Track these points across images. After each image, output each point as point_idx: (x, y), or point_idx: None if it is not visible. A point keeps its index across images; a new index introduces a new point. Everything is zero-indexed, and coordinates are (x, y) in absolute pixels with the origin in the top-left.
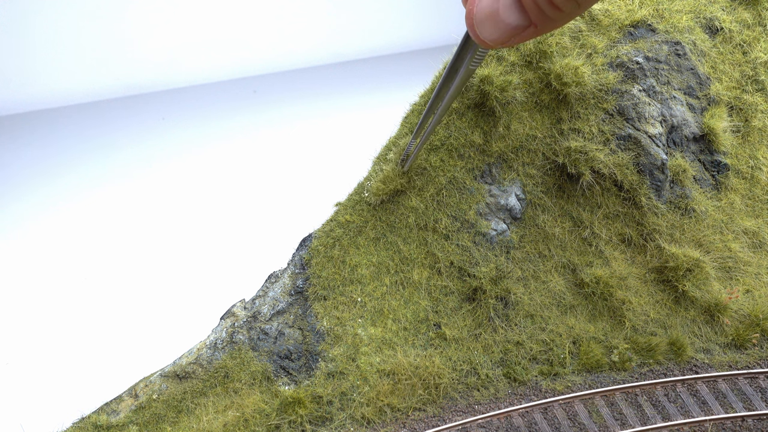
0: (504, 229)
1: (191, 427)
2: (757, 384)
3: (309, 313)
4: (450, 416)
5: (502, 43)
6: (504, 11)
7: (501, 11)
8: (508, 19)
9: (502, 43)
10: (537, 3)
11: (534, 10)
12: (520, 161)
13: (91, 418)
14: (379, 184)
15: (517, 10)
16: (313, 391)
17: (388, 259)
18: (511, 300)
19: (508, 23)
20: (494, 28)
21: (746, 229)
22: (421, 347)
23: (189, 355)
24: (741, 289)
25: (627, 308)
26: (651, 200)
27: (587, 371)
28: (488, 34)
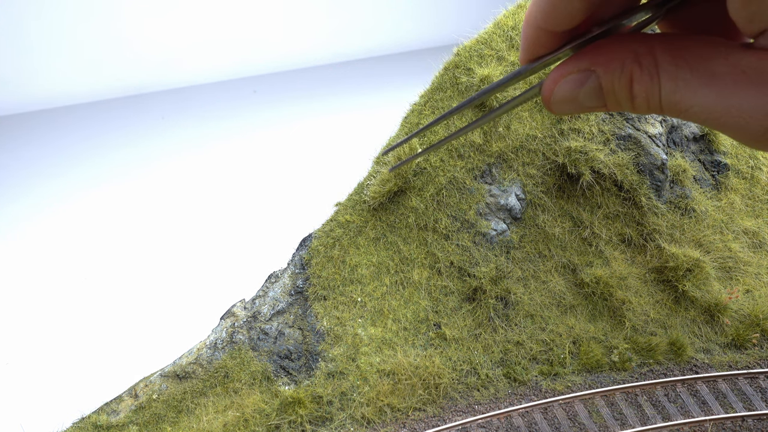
0: (504, 229)
1: (191, 427)
2: (757, 384)
3: (309, 313)
4: (450, 416)
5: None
6: (584, 97)
7: (581, 97)
8: (586, 102)
9: (573, 114)
10: (617, 97)
11: (612, 101)
12: (520, 161)
13: (91, 418)
14: (377, 188)
15: (596, 97)
16: (313, 391)
17: (388, 259)
18: (511, 300)
19: (584, 105)
20: (570, 107)
21: (746, 229)
22: (421, 347)
23: (189, 355)
24: (741, 289)
25: (627, 308)
26: (651, 200)
27: (587, 371)
28: (563, 111)
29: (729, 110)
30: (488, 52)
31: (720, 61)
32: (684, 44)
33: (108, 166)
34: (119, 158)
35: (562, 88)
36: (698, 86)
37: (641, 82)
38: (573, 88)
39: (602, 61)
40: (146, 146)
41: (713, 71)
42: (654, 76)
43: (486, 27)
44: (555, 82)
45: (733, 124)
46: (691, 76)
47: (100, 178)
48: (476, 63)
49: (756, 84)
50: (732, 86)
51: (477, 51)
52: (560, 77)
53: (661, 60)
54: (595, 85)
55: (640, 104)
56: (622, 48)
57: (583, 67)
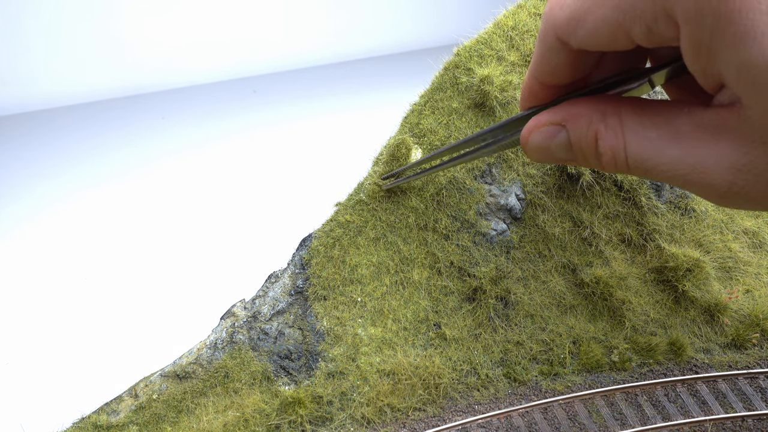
0: (504, 229)
1: (191, 427)
2: (757, 384)
3: (309, 313)
4: (450, 416)
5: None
6: (554, 149)
7: (552, 149)
8: (557, 154)
9: (547, 163)
10: (584, 154)
11: (580, 157)
12: (520, 161)
13: (91, 418)
14: (374, 186)
15: (567, 150)
16: (313, 391)
17: (388, 259)
18: (511, 300)
19: (556, 156)
20: (543, 157)
21: (746, 229)
22: (421, 347)
23: (189, 355)
24: (741, 289)
25: (627, 308)
26: (651, 200)
27: (587, 371)
28: (537, 158)
29: (694, 167)
30: (488, 52)
31: (683, 119)
32: (650, 105)
33: (108, 166)
34: (119, 158)
35: (535, 138)
36: (664, 145)
37: (606, 141)
38: (545, 140)
39: (571, 117)
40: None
41: (677, 130)
42: (619, 135)
43: (486, 27)
44: (530, 132)
45: (699, 180)
46: (656, 135)
47: (100, 178)
48: (476, 63)
49: (716, 139)
50: (695, 143)
51: (477, 51)
52: (535, 127)
53: (627, 119)
54: (565, 140)
55: (607, 162)
56: (591, 106)
57: (555, 120)
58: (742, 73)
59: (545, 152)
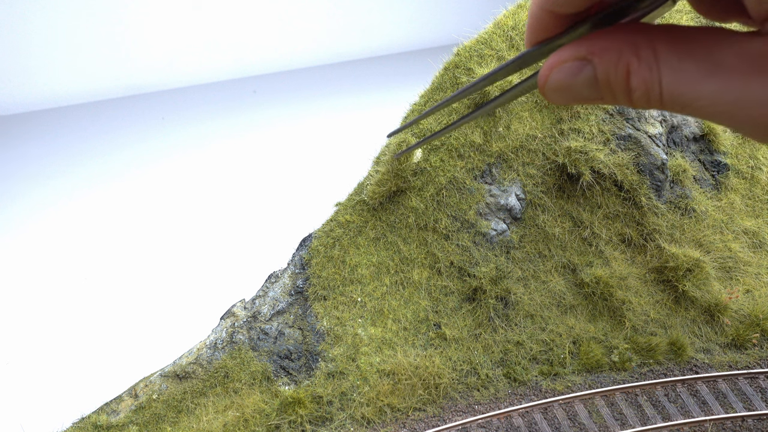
0: (504, 229)
1: (191, 427)
2: (757, 384)
3: (309, 313)
4: (450, 416)
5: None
6: (579, 87)
7: (575, 86)
8: (582, 93)
9: (569, 104)
10: (613, 90)
11: (608, 94)
12: (520, 161)
13: (91, 418)
14: (375, 187)
15: (592, 87)
16: (313, 391)
17: (388, 259)
18: (511, 300)
19: (580, 96)
20: (565, 98)
21: (746, 229)
22: (421, 347)
23: (189, 355)
24: (741, 289)
25: (627, 308)
26: (651, 200)
27: (587, 371)
28: (557, 100)
29: (737, 102)
30: (488, 52)
31: (725, 51)
32: (687, 35)
33: (108, 166)
34: (119, 158)
35: (556, 76)
36: (703, 78)
37: (639, 75)
38: (567, 77)
39: (599, 51)
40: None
41: (719, 61)
42: (653, 68)
43: (486, 27)
44: (550, 69)
45: (743, 116)
46: (695, 68)
47: (100, 178)
48: (476, 63)
49: (764, 72)
50: (740, 76)
51: (477, 51)
52: (556, 64)
53: (662, 51)
54: (591, 75)
55: (638, 98)
56: (620, 38)
57: (580, 55)
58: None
59: (568, 91)
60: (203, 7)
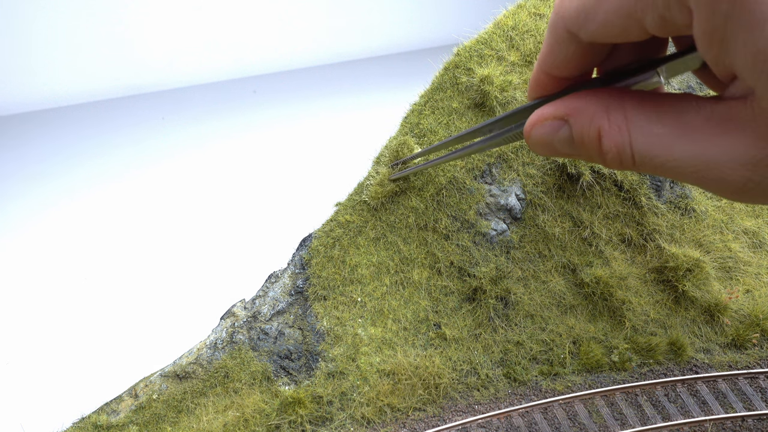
0: (504, 229)
1: (191, 427)
2: (757, 384)
3: (309, 313)
4: (450, 416)
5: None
6: (558, 144)
7: (555, 144)
8: (561, 150)
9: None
10: (587, 150)
11: (584, 153)
12: (520, 161)
13: (91, 418)
14: (377, 188)
15: (570, 146)
16: (313, 391)
17: (388, 259)
18: (511, 300)
19: (560, 152)
20: (546, 152)
21: (746, 229)
22: (421, 347)
23: (189, 355)
24: (741, 289)
25: (627, 308)
26: (651, 200)
27: (587, 371)
28: (539, 152)
29: (706, 164)
30: (488, 52)
31: (692, 114)
32: (656, 99)
33: (108, 166)
34: (119, 158)
35: (537, 132)
36: (673, 141)
37: (610, 138)
38: (547, 135)
39: (574, 112)
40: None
41: (686, 124)
42: (624, 132)
43: (486, 27)
44: (532, 125)
45: (712, 177)
46: (664, 131)
47: (100, 178)
48: (476, 63)
49: (728, 134)
50: (706, 138)
51: (477, 51)
52: (538, 121)
53: (632, 114)
54: (568, 135)
55: (611, 160)
56: (594, 100)
57: (558, 114)
58: (756, 63)
59: (548, 147)
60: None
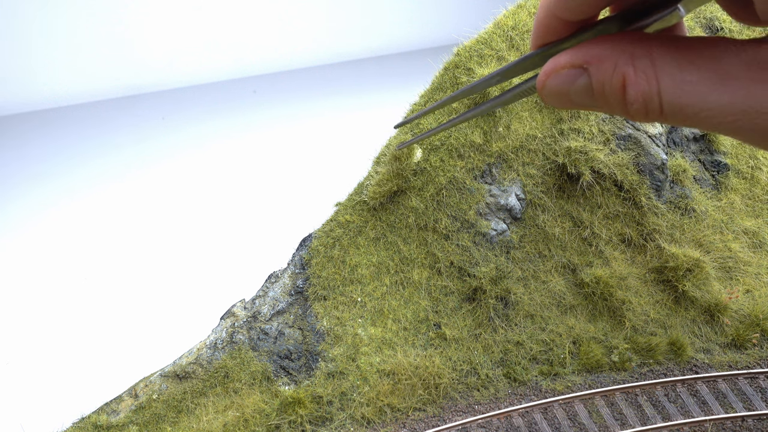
0: (504, 229)
1: (191, 427)
2: (757, 384)
3: (309, 313)
4: (450, 416)
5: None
6: (575, 95)
7: (572, 94)
8: (579, 101)
9: (568, 109)
10: (608, 101)
11: (604, 104)
12: (520, 161)
13: (91, 418)
14: (375, 187)
15: (588, 96)
16: (313, 391)
17: (388, 259)
18: (511, 300)
19: (577, 103)
20: (562, 103)
21: (746, 229)
22: (421, 347)
23: (189, 355)
24: (741, 289)
25: (627, 308)
26: (651, 200)
27: (587, 371)
28: (555, 104)
29: (746, 112)
30: (488, 52)
31: (731, 59)
32: (689, 44)
33: (108, 166)
34: (119, 158)
35: (552, 82)
36: (708, 89)
37: (636, 87)
38: (564, 85)
39: (595, 60)
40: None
41: (725, 71)
42: (652, 79)
43: (486, 27)
44: (547, 75)
45: (753, 127)
46: (699, 78)
47: (100, 178)
48: (476, 63)
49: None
50: (748, 85)
51: (477, 51)
52: (553, 70)
53: (661, 61)
54: (586, 84)
55: (636, 111)
56: (617, 46)
57: (577, 62)
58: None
59: (564, 98)
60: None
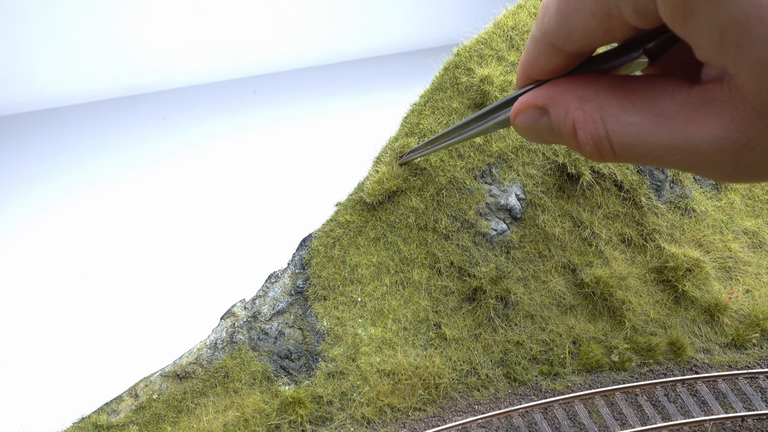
0: (504, 229)
1: (191, 427)
2: (757, 384)
3: (309, 313)
4: (450, 416)
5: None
6: (541, 133)
7: (538, 131)
8: (544, 137)
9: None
10: (567, 142)
11: (565, 143)
12: (520, 161)
13: (91, 418)
14: (375, 185)
15: (552, 135)
16: (313, 391)
17: (388, 259)
18: (511, 300)
19: (544, 139)
20: (532, 138)
21: (746, 229)
22: (421, 347)
23: (189, 355)
24: (741, 289)
25: (627, 308)
26: (651, 200)
27: (587, 371)
28: (527, 138)
29: (688, 152)
30: (488, 53)
31: (667, 99)
32: (631, 85)
33: (108, 166)
34: (119, 158)
35: (521, 120)
36: (650, 129)
37: (585, 130)
38: (529, 123)
39: (551, 102)
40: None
41: (663, 111)
42: (599, 123)
43: (486, 27)
44: (516, 114)
45: (699, 164)
46: (639, 119)
47: (100, 178)
48: (476, 63)
49: (707, 119)
50: (684, 126)
51: (477, 51)
52: (520, 110)
53: (606, 104)
54: (549, 124)
55: (590, 152)
56: (570, 89)
57: (538, 103)
58: (724, 36)
59: (532, 134)
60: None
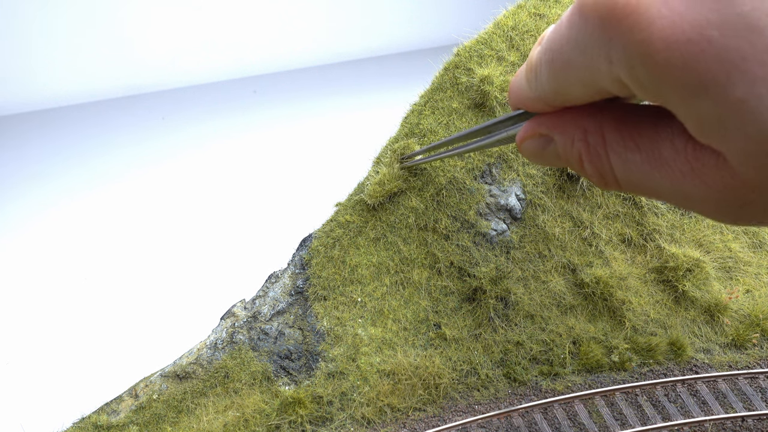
0: (504, 229)
1: (191, 427)
2: (757, 384)
3: (309, 313)
4: (450, 416)
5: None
6: (548, 158)
7: (545, 157)
8: (551, 162)
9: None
10: (575, 169)
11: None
12: (520, 161)
13: (91, 418)
14: (375, 186)
15: (559, 160)
16: (314, 391)
17: (388, 259)
18: (511, 300)
19: (551, 163)
20: (539, 162)
21: (746, 229)
22: (421, 347)
23: (189, 355)
24: (741, 289)
25: (627, 308)
26: (651, 200)
27: (587, 371)
28: (534, 162)
29: (685, 197)
30: (488, 53)
31: (666, 144)
32: (634, 119)
33: (108, 166)
34: (119, 158)
35: (527, 146)
36: (650, 171)
37: (589, 163)
38: (536, 149)
39: (557, 130)
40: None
41: (662, 155)
42: (603, 157)
43: (486, 27)
44: (522, 139)
45: (699, 209)
46: (641, 159)
47: (100, 179)
48: (476, 63)
49: (699, 174)
50: (679, 176)
51: (477, 51)
52: (526, 136)
53: (610, 139)
54: (555, 151)
55: (596, 182)
56: (573, 120)
57: (544, 132)
58: (749, 152)
59: (540, 159)
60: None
